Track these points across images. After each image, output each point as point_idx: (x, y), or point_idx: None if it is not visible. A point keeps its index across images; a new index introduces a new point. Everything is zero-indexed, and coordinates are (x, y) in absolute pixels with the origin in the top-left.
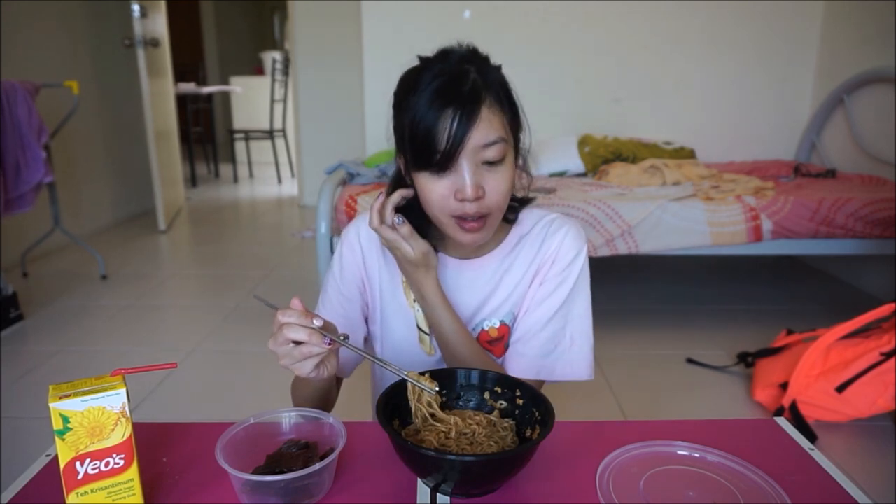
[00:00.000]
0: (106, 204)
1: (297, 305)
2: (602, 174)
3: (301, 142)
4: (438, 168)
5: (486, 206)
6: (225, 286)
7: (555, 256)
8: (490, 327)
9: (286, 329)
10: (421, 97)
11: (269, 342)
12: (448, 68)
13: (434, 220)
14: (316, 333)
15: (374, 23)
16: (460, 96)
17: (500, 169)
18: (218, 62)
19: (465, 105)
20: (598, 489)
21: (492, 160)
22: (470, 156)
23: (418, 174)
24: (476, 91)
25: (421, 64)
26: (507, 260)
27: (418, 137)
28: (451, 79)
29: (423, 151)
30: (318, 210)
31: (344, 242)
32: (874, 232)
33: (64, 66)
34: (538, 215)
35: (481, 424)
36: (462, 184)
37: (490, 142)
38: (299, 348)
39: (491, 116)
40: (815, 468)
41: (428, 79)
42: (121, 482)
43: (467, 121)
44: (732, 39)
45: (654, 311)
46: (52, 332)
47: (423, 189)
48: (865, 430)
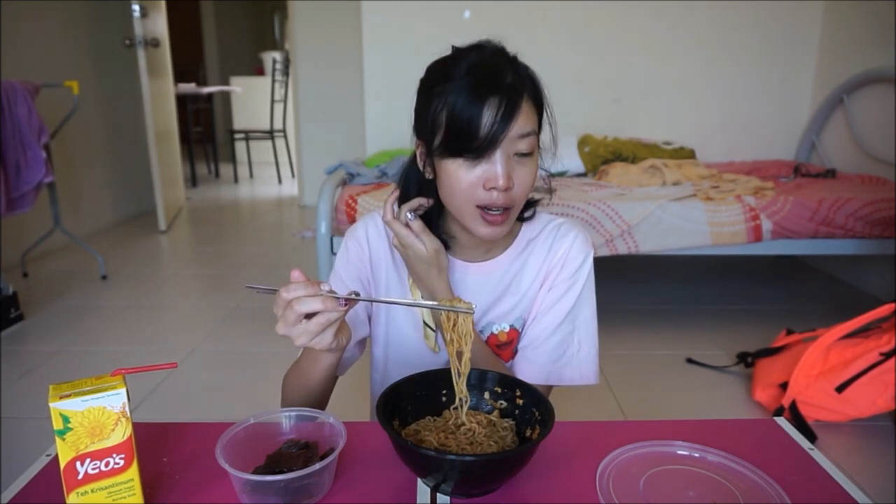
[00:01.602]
0: (106, 204)
1: (298, 277)
2: (602, 174)
3: (301, 142)
4: (475, 156)
5: (512, 198)
6: (225, 286)
7: (563, 261)
8: (500, 331)
9: (296, 304)
10: (461, 84)
11: (277, 326)
12: (485, 60)
13: (456, 211)
14: (329, 298)
15: (374, 23)
16: (504, 86)
17: (529, 162)
18: (218, 62)
19: (509, 95)
20: (598, 489)
21: (524, 152)
22: (506, 146)
23: (447, 161)
24: (518, 84)
25: (454, 53)
26: (517, 263)
27: (458, 124)
28: (492, 70)
29: (462, 138)
30: (318, 210)
31: (350, 238)
32: (874, 232)
33: (64, 66)
34: (545, 219)
35: (481, 424)
36: (495, 173)
37: (525, 133)
38: (315, 320)
39: (528, 109)
40: (815, 468)
41: (465, 68)
42: (121, 482)
43: (510, 111)
44: (732, 39)
45: (654, 311)
46: (52, 332)
47: (450, 176)
48: (865, 430)
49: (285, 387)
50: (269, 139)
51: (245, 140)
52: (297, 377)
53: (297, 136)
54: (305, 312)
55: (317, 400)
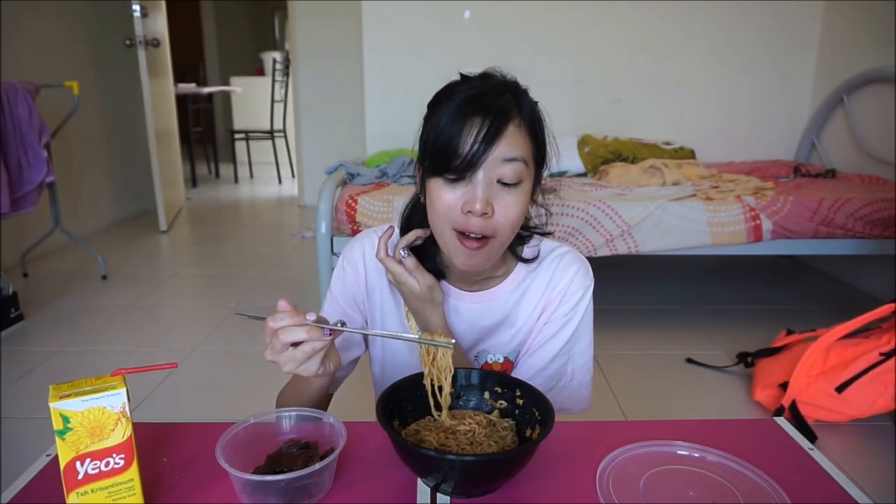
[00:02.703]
0: (106, 204)
1: (284, 306)
2: (602, 174)
3: (301, 142)
4: (455, 175)
5: (491, 227)
6: (225, 286)
7: (562, 296)
8: (494, 361)
9: (282, 333)
10: (452, 104)
11: (265, 353)
12: (485, 84)
13: (437, 235)
14: (314, 328)
15: (374, 23)
16: (490, 108)
17: (515, 192)
18: (218, 62)
19: (494, 117)
20: (598, 489)
21: (508, 181)
22: (487, 169)
23: (431, 181)
24: (507, 107)
25: (460, 79)
26: (514, 294)
27: (441, 141)
28: (485, 93)
29: (442, 156)
30: (318, 210)
31: (346, 259)
32: (874, 232)
33: (64, 66)
34: (547, 247)
35: (481, 424)
36: (472, 196)
37: (510, 157)
38: (301, 348)
39: (517, 135)
40: (815, 468)
41: (463, 90)
42: (121, 482)
43: (493, 132)
44: (732, 39)
45: (654, 311)
46: (52, 332)
47: (432, 196)
48: (865, 430)
49: (279, 406)
50: (269, 139)
51: (245, 140)
52: (289, 397)
53: (297, 136)
54: (291, 341)
55: None
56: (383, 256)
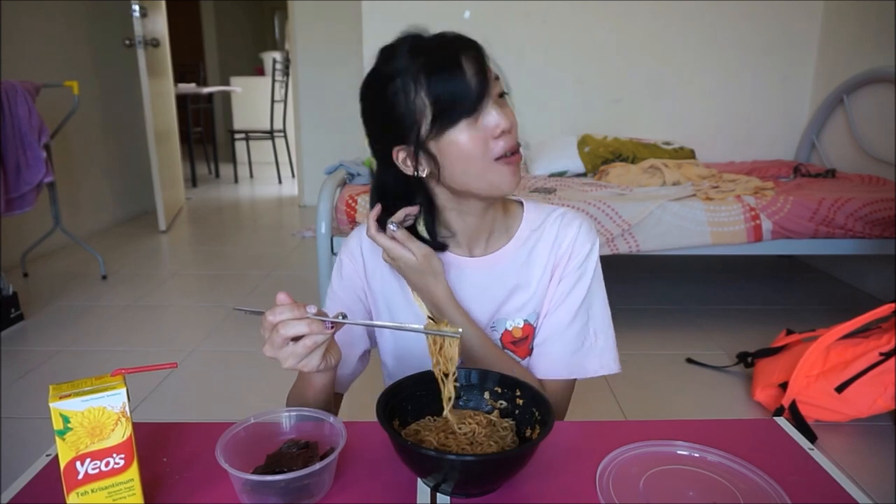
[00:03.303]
0: (106, 204)
1: (283, 299)
2: (602, 174)
3: (301, 142)
4: (471, 111)
5: (514, 138)
6: (225, 286)
7: (570, 251)
8: (514, 327)
9: (282, 327)
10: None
11: (264, 348)
12: (423, 38)
13: (476, 178)
14: (315, 321)
15: (374, 23)
16: (459, 45)
17: (508, 101)
18: (218, 62)
19: (468, 47)
20: (598, 489)
21: (501, 92)
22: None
23: (448, 136)
24: (463, 37)
25: (384, 50)
26: (521, 254)
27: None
28: (437, 38)
29: (455, 104)
30: (318, 210)
31: (344, 252)
32: (874, 232)
33: (64, 66)
34: (546, 210)
35: (481, 424)
36: (495, 120)
37: (496, 76)
38: (302, 342)
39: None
40: (815, 468)
41: (411, 52)
42: (121, 482)
43: (480, 59)
44: (732, 39)
45: (654, 311)
46: (52, 332)
47: (460, 147)
48: (865, 430)
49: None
50: (269, 139)
51: (245, 140)
52: (295, 400)
53: (297, 136)
54: (291, 336)
55: None
56: (374, 233)
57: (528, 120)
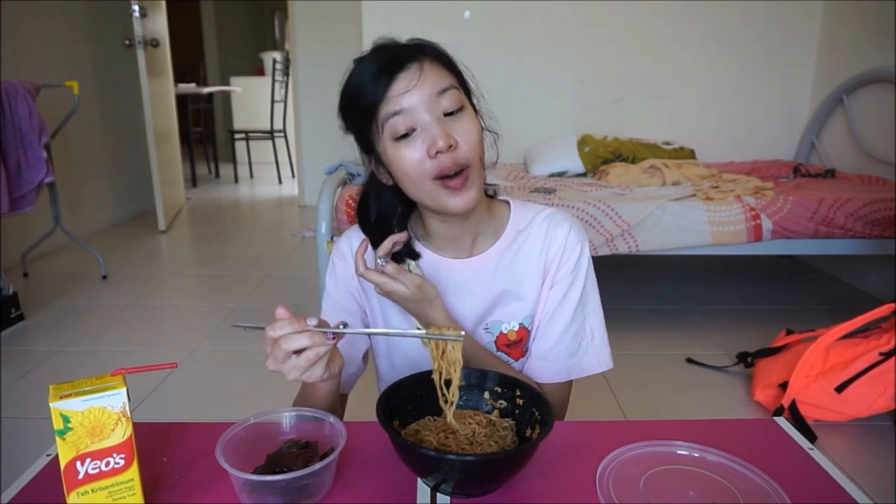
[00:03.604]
0: (106, 204)
1: (283, 314)
2: (602, 174)
3: (301, 142)
4: (406, 129)
5: (463, 157)
6: (225, 286)
7: (560, 256)
8: (509, 330)
9: (283, 342)
10: (361, 82)
11: (267, 363)
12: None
13: (421, 194)
14: (316, 333)
15: (374, 23)
16: (396, 60)
17: (463, 117)
18: (218, 62)
19: (402, 63)
20: (598, 489)
21: (450, 109)
22: (428, 107)
23: (389, 150)
24: (410, 51)
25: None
26: (507, 255)
27: (369, 112)
28: (387, 55)
29: (384, 123)
30: (318, 210)
31: (336, 254)
32: (874, 232)
33: (64, 66)
34: (533, 210)
35: (481, 424)
36: (432, 137)
37: (442, 89)
38: (304, 355)
39: (433, 68)
40: (815, 468)
41: (365, 64)
42: (121, 482)
43: (411, 74)
44: (732, 39)
45: (654, 311)
46: (52, 332)
47: (399, 162)
48: (865, 430)
49: None
50: (269, 139)
51: (245, 140)
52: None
53: (297, 136)
54: (293, 350)
55: None
56: (363, 271)
57: (528, 120)
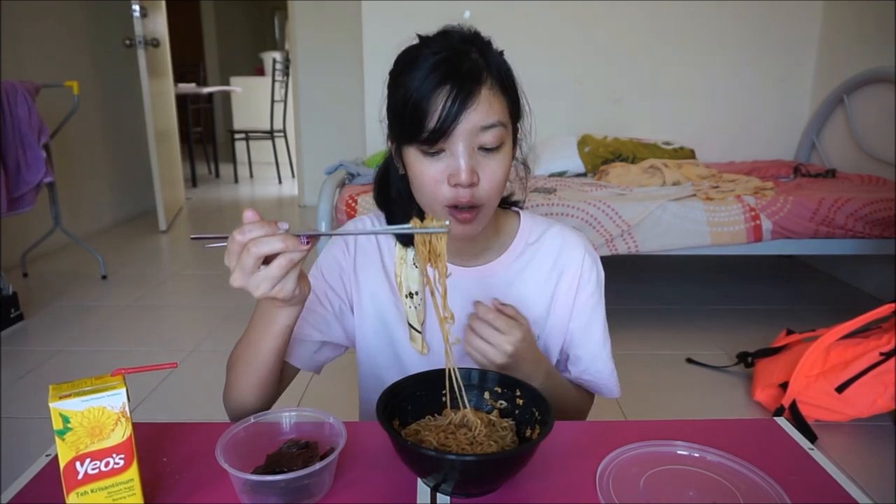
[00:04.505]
0: (106, 204)
1: (252, 217)
2: (602, 174)
3: (301, 142)
4: (429, 145)
5: (479, 196)
6: (225, 286)
7: (578, 278)
8: None
9: (253, 245)
10: (417, 72)
11: (232, 278)
12: (449, 45)
13: (426, 209)
14: (289, 237)
15: (374, 23)
16: (459, 73)
17: (497, 156)
18: (218, 62)
19: (464, 83)
20: (598, 489)
21: (489, 146)
22: (466, 138)
23: (408, 151)
24: (476, 70)
25: (419, 42)
26: (514, 268)
27: (410, 111)
28: (450, 55)
29: (417, 128)
30: (318, 210)
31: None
32: (874, 232)
33: (64, 66)
34: (543, 224)
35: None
36: (457, 167)
37: (488, 125)
38: (276, 262)
39: (491, 98)
40: (815, 468)
41: (426, 55)
42: (121, 482)
43: (465, 99)
44: (732, 39)
45: (654, 311)
46: (52, 332)
47: (413, 169)
48: (865, 430)
49: (231, 367)
50: (269, 139)
51: (245, 140)
52: (245, 351)
53: (297, 136)
54: (265, 254)
55: (267, 383)
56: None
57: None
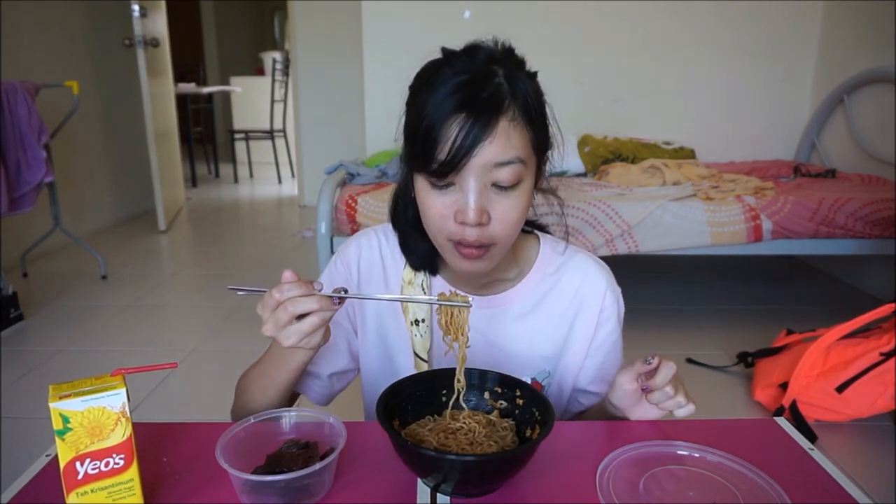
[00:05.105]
0: (106, 204)
1: (290, 277)
2: (602, 174)
3: (301, 142)
4: (437, 178)
5: (489, 236)
6: (225, 286)
7: (598, 316)
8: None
9: (290, 304)
10: (433, 95)
11: (265, 328)
12: (472, 66)
13: (432, 239)
14: (324, 297)
15: (374, 23)
16: (477, 101)
17: (513, 195)
18: (218, 62)
19: (480, 113)
20: (598, 489)
21: (503, 184)
22: (479, 174)
23: (417, 178)
24: (498, 98)
25: (443, 57)
26: (530, 299)
27: (420, 139)
28: (471, 80)
29: (426, 158)
30: (318, 210)
31: (340, 258)
32: (874, 232)
33: (64, 66)
34: (563, 254)
35: (481, 424)
36: (464, 204)
37: (504, 161)
38: (308, 320)
39: (510, 132)
40: (815, 468)
41: (447, 76)
42: (121, 482)
43: (479, 132)
44: (732, 39)
45: (654, 311)
46: (52, 332)
47: (422, 198)
48: (865, 430)
49: (242, 390)
50: (269, 139)
51: (245, 140)
52: (258, 379)
53: (297, 136)
54: (300, 313)
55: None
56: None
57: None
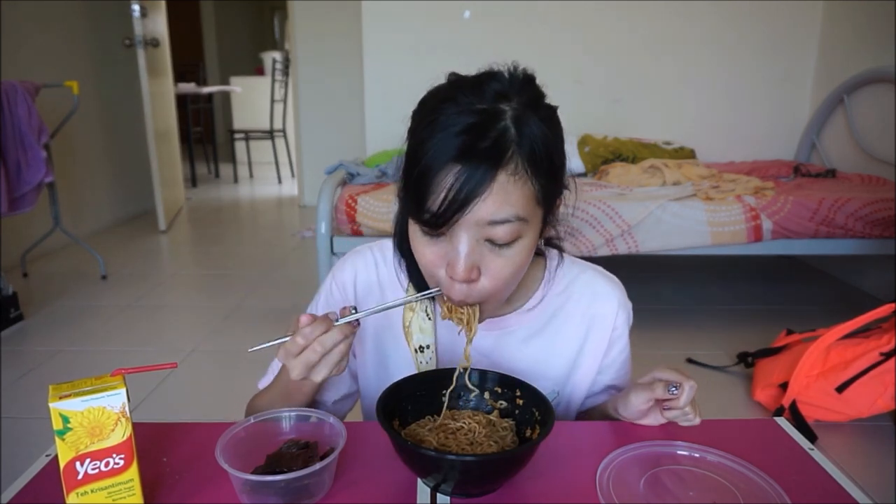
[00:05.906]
0: (106, 204)
1: (307, 321)
2: (602, 174)
3: (301, 142)
4: (429, 227)
5: (478, 294)
6: (225, 286)
7: (610, 336)
8: None
9: (318, 345)
10: (433, 136)
11: (294, 373)
12: (478, 104)
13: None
14: (344, 326)
15: (374, 23)
16: (476, 151)
17: (508, 253)
18: (218, 62)
19: (479, 164)
20: (598, 489)
21: (498, 242)
22: (471, 230)
23: (412, 229)
24: (500, 147)
25: (450, 85)
26: (536, 322)
27: (413, 183)
28: (473, 124)
29: (415, 202)
30: (318, 210)
31: (335, 279)
32: (874, 232)
33: (64, 66)
34: (571, 271)
35: (481, 424)
36: (455, 258)
37: (499, 220)
38: (337, 349)
39: (509, 187)
40: (815, 468)
41: (449, 114)
42: (121, 482)
43: (475, 187)
44: (732, 39)
45: (654, 311)
46: (52, 332)
47: (413, 241)
48: (865, 430)
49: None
50: (269, 139)
51: (245, 140)
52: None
53: (297, 136)
54: (329, 349)
55: None
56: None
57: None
